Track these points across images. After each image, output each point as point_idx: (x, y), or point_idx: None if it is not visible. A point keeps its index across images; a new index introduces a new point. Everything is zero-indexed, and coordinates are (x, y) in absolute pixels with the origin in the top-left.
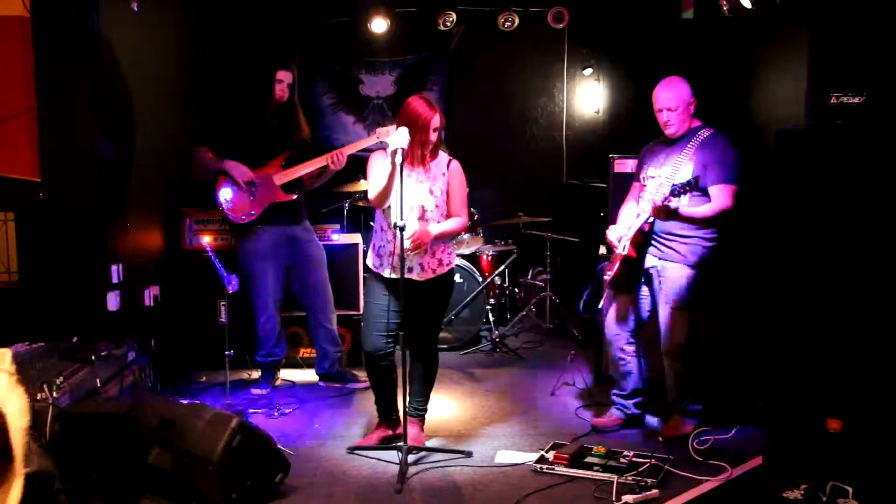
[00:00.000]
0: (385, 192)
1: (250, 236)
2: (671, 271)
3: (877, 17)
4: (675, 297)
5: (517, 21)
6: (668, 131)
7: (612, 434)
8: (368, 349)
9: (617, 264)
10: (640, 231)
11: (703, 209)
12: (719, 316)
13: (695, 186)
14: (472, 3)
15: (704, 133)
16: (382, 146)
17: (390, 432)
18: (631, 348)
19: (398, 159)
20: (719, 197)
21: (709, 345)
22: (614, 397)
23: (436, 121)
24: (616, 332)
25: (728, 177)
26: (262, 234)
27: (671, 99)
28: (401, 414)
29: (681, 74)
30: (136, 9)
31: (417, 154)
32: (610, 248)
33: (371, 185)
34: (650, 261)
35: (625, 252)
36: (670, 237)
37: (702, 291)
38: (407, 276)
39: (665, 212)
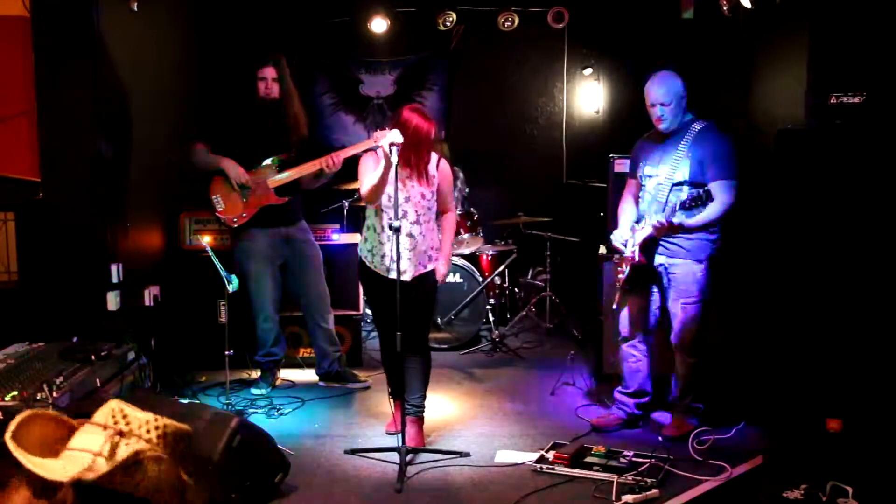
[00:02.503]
0: (379, 187)
1: (246, 237)
2: (679, 268)
3: (877, 17)
4: (686, 292)
5: (517, 21)
6: (662, 126)
7: (612, 434)
8: (386, 344)
9: (628, 267)
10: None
11: (707, 213)
12: (720, 316)
13: (705, 200)
14: (472, 3)
15: (697, 126)
16: (376, 150)
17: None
18: (643, 347)
19: (394, 158)
20: (721, 195)
21: (711, 345)
22: (616, 395)
23: (433, 131)
24: (629, 330)
25: (727, 173)
26: (258, 235)
27: (664, 94)
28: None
29: (681, 74)
30: (136, 9)
31: (423, 163)
32: (611, 249)
33: (364, 181)
34: (658, 259)
35: (636, 259)
36: (675, 235)
37: (711, 285)
38: (404, 278)
39: (669, 230)
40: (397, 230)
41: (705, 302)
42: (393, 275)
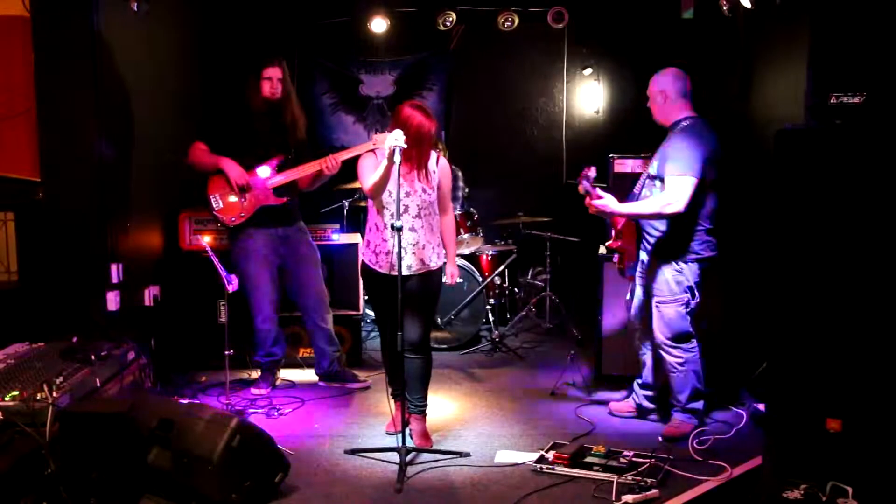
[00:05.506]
0: (381, 184)
1: (244, 237)
2: (651, 265)
3: (877, 17)
4: (657, 290)
5: (517, 21)
6: (653, 117)
7: (612, 434)
8: (388, 343)
9: (615, 257)
10: (632, 222)
11: (642, 204)
12: (720, 313)
13: (595, 179)
14: (472, 3)
15: (683, 123)
16: (375, 151)
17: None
18: (648, 341)
19: (397, 158)
20: (668, 188)
21: (709, 336)
22: (634, 384)
23: (434, 129)
24: (636, 322)
25: (677, 168)
26: (254, 235)
27: (649, 89)
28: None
29: (681, 72)
30: (136, 9)
31: (424, 161)
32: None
33: (367, 179)
34: (641, 254)
35: (613, 241)
36: (646, 231)
37: (685, 287)
38: (406, 272)
39: (594, 210)
40: (399, 230)
41: (678, 303)
42: (394, 271)
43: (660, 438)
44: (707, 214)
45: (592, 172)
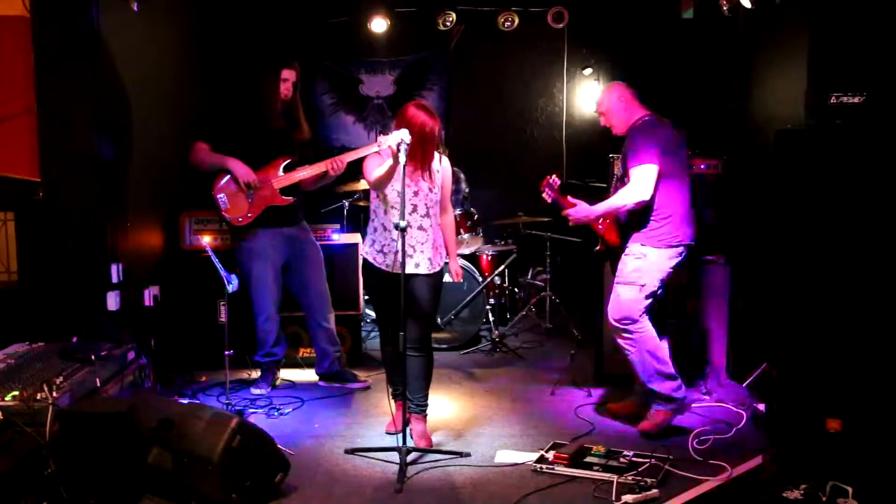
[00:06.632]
0: (385, 178)
1: (248, 237)
2: (627, 248)
3: (877, 17)
4: (618, 271)
5: (517, 21)
6: (614, 132)
7: (612, 434)
8: (388, 341)
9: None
10: (613, 225)
11: (608, 202)
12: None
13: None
14: (472, 3)
15: (638, 122)
16: (380, 152)
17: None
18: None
19: (402, 158)
20: (630, 181)
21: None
22: (635, 384)
23: (438, 128)
24: None
25: (634, 160)
26: (260, 234)
27: (599, 104)
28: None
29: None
30: (136, 9)
31: (428, 160)
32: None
33: (372, 173)
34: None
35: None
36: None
37: (635, 272)
38: (414, 270)
39: (573, 220)
40: (403, 229)
41: (632, 286)
42: (405, 270)
43: (636, 431)
44: (668, 202)
45: (555, 181)
